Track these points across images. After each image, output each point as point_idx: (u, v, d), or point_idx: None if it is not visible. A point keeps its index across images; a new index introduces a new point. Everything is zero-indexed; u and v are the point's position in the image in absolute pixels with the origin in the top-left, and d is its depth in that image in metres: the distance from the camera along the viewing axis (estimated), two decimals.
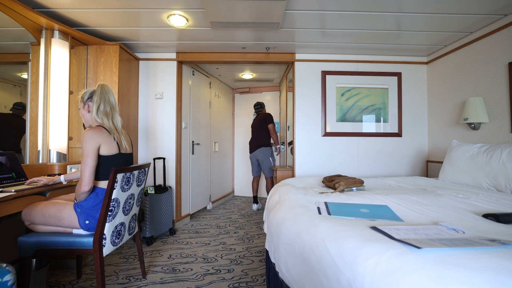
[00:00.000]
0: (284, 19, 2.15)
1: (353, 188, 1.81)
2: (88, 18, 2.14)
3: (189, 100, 3.33)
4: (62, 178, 1.63)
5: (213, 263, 2.04)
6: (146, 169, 1.71)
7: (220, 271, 1.91)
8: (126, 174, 1.45)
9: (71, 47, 2.23)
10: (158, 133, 2.95)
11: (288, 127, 3.44)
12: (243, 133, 4.68)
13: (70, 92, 2.21)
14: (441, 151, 2.75)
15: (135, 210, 1.70)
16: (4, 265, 0.95)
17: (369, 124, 2.98)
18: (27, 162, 2.02)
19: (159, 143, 2.95)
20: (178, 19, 2.14)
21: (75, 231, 1.43)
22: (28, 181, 1.56)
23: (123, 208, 1.51)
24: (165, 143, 2.95)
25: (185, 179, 3.20)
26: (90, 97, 1.50)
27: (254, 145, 3.74)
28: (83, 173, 1.34)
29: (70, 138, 2.22)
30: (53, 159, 2.06)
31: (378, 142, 2.99)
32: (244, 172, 4.63)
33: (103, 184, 1.43)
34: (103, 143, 1.40)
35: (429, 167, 2.92)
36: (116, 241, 1.49)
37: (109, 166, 1.40)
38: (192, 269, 1.94)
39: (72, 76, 2.29)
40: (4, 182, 1.55)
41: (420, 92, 3.00)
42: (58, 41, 2.10)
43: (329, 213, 1.17)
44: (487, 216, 1.12)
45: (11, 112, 2.03)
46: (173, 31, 2.39)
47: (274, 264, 1.25)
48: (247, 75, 3.94)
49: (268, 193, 2.10)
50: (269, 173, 3.62)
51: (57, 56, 2.09)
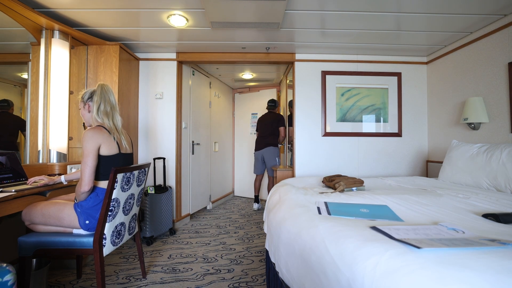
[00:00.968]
0: (284, 19, 2.15)
1: (353, 188, 1.81)
2: (88, 18, 2.14)
3: (189, 100, 3.33)
4: (63, 178, 1.63)
5: (213, 263, 2.05)
6: (146, 169, 1.71)
7: (220, 271, 1.91)
8: (126, 174, 1.45)
9: (71, 47, 2.23)
10: (158, 133, 2.95)
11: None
12: (243, 133, 4.67)
13: (70, 92, 2.21)
14: (441, 151, 2.75)
15: (135, 210, 1.70)
16: (4, 265, 0.95)
17: (369, 124, 2.98)
18: (27, 162, 2.02)
19: (159, 143, 2.95)
20: (178, 19, 2.14)
21: (75, 231, 1.43)
22: (30, 181, 1.56)
23: (123, 208, 1.51)
24: (165, 143, 2.95)
25: (185, 179, 3.20)
26: (90, 97, 1.50)
27: (262, 144, 3.71)
28: (83, 173, 1.34)
29: (70, 138, 2.22)
30: (53, 159, 2.06)
31: (378, 142, 2.99)
32: (244, 172, 4.62)
33: (103, 184, 1.43)
34: (103, 143, 1.40)
35: (429, 167, 2.92)
36: (116, 241, 1.50)
37: (109, 166, 1.40)
38: (192, 269, 1.95)
39: (72, 76, 2.29)
40: (4, 182, 1.55)
41: (420, 92, 3.00)
42: (58, 41, 2.10)
43: (329, 213, 1.17)
44: (487, 216, 1.12)
45: None
46: (173, 31, 2.39)
47: (274, 264, 1.25)
48: (247, 75, 3.94)
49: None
50: (273, 173, 3.62)
51: (57, 56, 2.09)
